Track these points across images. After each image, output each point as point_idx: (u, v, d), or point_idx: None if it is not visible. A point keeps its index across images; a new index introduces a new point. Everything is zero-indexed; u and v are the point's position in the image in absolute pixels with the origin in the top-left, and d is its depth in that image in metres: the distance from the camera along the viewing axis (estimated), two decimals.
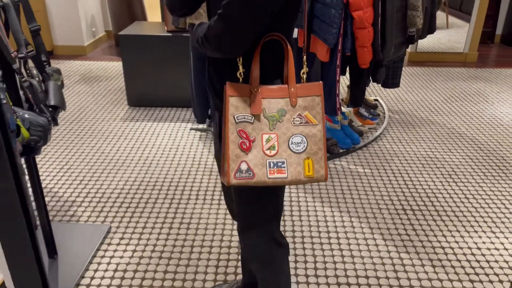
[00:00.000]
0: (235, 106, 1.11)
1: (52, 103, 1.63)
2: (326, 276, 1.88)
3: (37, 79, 1.63)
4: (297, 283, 1.84)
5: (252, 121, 1.11)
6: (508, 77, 4.48)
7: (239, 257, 1.98)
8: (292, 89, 1.13)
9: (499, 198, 2.45)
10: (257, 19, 1.05)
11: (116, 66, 4.67)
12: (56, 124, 1.67)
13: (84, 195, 2.45)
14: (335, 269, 1.92)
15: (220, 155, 1.31)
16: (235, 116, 1.10)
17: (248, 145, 1.10)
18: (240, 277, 1.88)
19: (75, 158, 2.83)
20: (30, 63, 1.64)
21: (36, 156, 1.84)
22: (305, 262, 1.96)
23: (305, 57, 1.18)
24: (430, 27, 3.05)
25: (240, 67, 1.12)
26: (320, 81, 1.17)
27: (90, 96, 3.87)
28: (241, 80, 1.13)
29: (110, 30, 5.63)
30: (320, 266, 1.94)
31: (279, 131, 1.11)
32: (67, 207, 2.34)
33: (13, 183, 0.69)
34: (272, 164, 1.10)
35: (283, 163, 1.10)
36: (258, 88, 1.12)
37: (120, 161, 2.81)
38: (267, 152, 1.10)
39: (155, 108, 3.63)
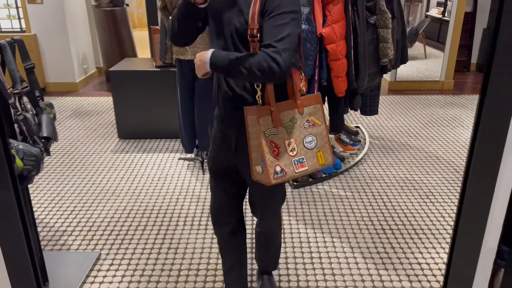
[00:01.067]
0: (263, 124, 1.40)
1: (45, 134, 1.75)
2: None
3: (31, 112, 1.75)
4: None
5: (276, 133, 1.42)
6: None
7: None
8: (299, 102, 1.46)
9: None
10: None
11: (106, 101, 4.82)
12: (49, 154, 1.78)
13: (74, 224, 2.52)
14: (317, 287, 2.00)
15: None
16: (265, 132, 1.40)
17: (277, 151, 1.42)
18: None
19: (66, 190, 2.92)
20: (25, 98, 1.77)
21: (29, 186, 1.93)
22: (288, 281, 2.04)
23: (302, 74, 1.51)
24: (402, 57, 3.25)
25: (259, 91, 1.41)
26: (319, 92, 1.49)
27: (82, 130, 3.99)
28: (260, 102, 1.42)
29: (101, 67, 5.81)
30: (302, 285, 2.02)
31: (295, 135, 1.45)
32: (58, 236, 2.41)
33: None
34: (296, 162, 1.44)
35: (303, 159, 1.45)
36: (275, 106, 1.42)
37: (110, 191, 2.90)
38: (290, 153, 1.44)
39: (144, 139, 3.75)
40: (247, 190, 1.71)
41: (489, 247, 0.90)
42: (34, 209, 2.68)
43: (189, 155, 3.37)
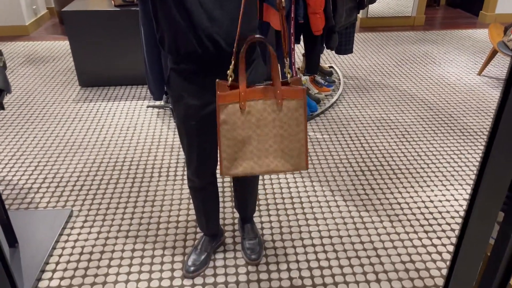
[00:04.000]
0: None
1: None
2: (292, 240, 1.95)
3: None
4: (265, 248, 1.90)
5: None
6: (453, 38, 4.67)
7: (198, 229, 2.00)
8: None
9: (448, 154, 2.60)
10: None
11: (62, 46, 4.45)
12: (3, 108, 1.59)
13: (40, 180, 2.37)
14: (300, 232, 1.99)
15: None
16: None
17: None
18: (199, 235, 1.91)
19: (27, 144, 2.72)
20: None
21: None
22: (271, 228, 2.02)
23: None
24: None
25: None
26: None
27: (38, 78, 3.68)
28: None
29: (53, 7, 5.31)
30: (285, 231, 2.00)
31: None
32: (24, 195, 2.26)
33: None
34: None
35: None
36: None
37: (76, 143, 2.73)
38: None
39: (109, 87, 3.51)
40: None
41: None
42: None
43: (158, 103, 3.19)
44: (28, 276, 1.76)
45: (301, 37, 2.71)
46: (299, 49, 4.22)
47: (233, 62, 1.24)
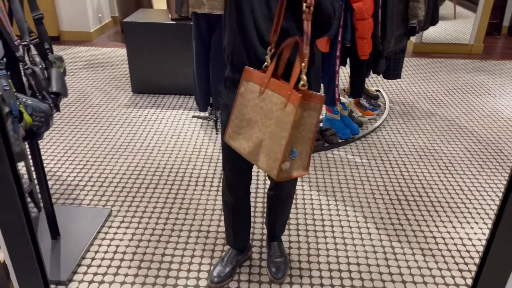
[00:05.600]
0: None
1: (54, 89, 1.68)
2: (318, 263, 1.94)
3: (40, 66, 1.68)
4: (290, 268, 1.90)
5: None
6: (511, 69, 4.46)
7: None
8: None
9: (494, 191, 2.48)
10: None
11: (121, 53, 4.72)
12: (58, 110, 1.72)
13: (87, 179, 2.52)
14: (328, 256, 1.98)
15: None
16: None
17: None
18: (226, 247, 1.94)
19: (79, 143, 2.90)
20: (33, 51, 1.69)
21: (39, 141, 1.90)
22: (299, 248, 2.02)
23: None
24: (433, 18, 3.05)
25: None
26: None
27: (95, 82, 3.93)
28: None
29: (116, 16, 5.66)
30: (313, 253, 1.99)
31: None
32: (70, 191, 2.41)
33: (9, 169, 0.74)
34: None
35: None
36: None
37: (122, 146, 2.88)
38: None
39: (158, 95, 3.67)
40: None
41: None
42: (46, 161, 2.67)
43: (202, 114, 3.30)
44: (66, 267, 1.87)
45: (347, 60, 2.72)
46: (346, 71, 4.20)
47: (272, 51, 1.31)
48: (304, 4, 1.18)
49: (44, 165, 2.56)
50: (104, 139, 2.96)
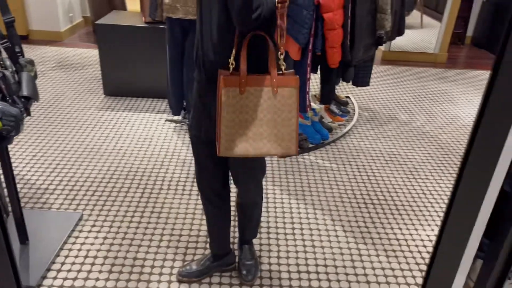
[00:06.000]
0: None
1: (25, 93, 1.68)
2: (288, 264, 2.00)
3: (10, 70, 1.67)
4: (260, 270, 1.95)
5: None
6: (474, 78, 4.68)
7: (207, 245, 2.07)
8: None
9: None
10: None
11: (93, 54, 4.66)
12: (29, 114, 1.71)
13: (56, 182, 2.49)
14: (297, 257, 2.04)
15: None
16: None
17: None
18: (208, 251, 1.98)
19: (48, 146, 2.86)
20: (4, 54, 1.68)
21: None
22: (269, 251, 2.08)
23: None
24: (399, 29, 3.18)
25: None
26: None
27: (66, 83, 3.87)
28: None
29: (88, 16, 5.57)
30: (282, 255, 2.05)
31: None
32: (40, 195, 2.38)
33: None
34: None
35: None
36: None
37: (94, 150, 2.86)
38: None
39: (131, 98, 3.66)
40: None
41: (475, 239, 0.92)
42: (15, 164, 2.63)
43: (176, 117, 3.32)
44: (35, 272, 1.86)
45: (318, 68, 2.80)
46: (317, 77, 4.30)
47: (234, 51, 1.36)
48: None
49: (13, 168, 2.52)
50: (75, 142, 2.93)
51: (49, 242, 2.03)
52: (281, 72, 1.38)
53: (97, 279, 1.86)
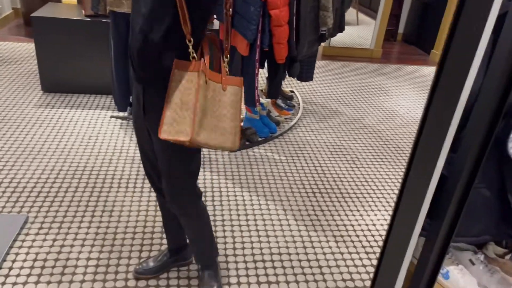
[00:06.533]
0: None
1: None
2: (244, 255, 2.06)
3: None
4: (218, 263, 1.99)
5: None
6: (406, 73, 5.03)
7: (163, 241, 2.08)
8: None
9: (392, 181, 2.82)
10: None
11: (26, 48, 4.39)
12: None
13: None
14: (252, 248, 2.11)
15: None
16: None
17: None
18: (164, 247, 1.99)
19: None
20: None
21: None
22: (225, 243, 2.12)
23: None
24: (340, 26, 3.34)
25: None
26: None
27: None
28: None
29: (18, 8, 5.23)
30: (238, 246, 2.11)
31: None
32: None
33: None
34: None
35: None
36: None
37: (35, 149, 2.72)
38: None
39: (72, 94, 3.52)
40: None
41: (420, 220, 1.03)
42: None
43: (122, 114, 3.24)
44: None
45: (265, 63, 2.88)
46: (264, 73, 4.40)
47: (191, 46, 1.33)
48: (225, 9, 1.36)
49: None
50: (13, 142, 2.77)
51: None
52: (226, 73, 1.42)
53: (49, 282, 1.81)
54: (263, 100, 3.31)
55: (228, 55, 1.43)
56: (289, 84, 4.25)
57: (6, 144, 2.74)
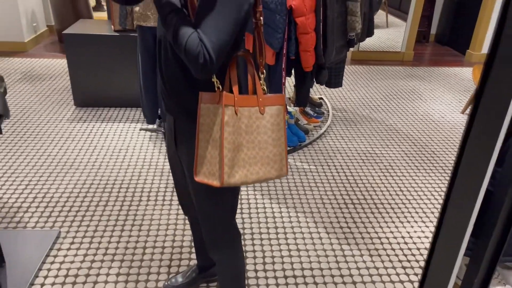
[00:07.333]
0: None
1: None
2: (274, 270, 2.00)
3: None
4: (247, 278, 1.95)
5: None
6: (440, 75, 4.84)
7: (191, 256, 2.05)
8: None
9: (429, 190, 2.69)
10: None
11: (60, 64, 4.53)
12: (0, 132, 1.65)
13: (30, 200, 2.40)
14: (283, 263, 2.05)
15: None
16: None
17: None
18: (193, 262, 1.96)
19: (19, 162, 2.76)
20: None
21: None
22: (254, 257, 2.07)
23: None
24: (368, 30, 3.25)
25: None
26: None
27: (34, 96, 3.74)
28: (219, 88, 1.23)
29: (53, 25, 5.41)
30: (268, 261, 2.06)
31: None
32: (13, 213, 2.29)
33: None
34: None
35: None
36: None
37: (68, 163, 2.78)
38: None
39: (103, 108, 3.58)
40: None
41: (466, 239, 0.94)
42: None
43: (150, 126, 3.27)
44: None
45: (292, 71, 2.83)
46: (292, 80, 4.34)
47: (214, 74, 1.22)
48: (254, 19, 1.24)
49: None
50: (47, 157, 2.84)
51: (26, 262, 1.95)
52: (264, 92, 1.29)
53: None
54: (290, 108, 3.26)
55: (264, 71, 1.30)
56: (317, 90, 4.18)
57: (40, 159, 2.81)
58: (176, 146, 1.40)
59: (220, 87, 1.22)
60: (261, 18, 1.26)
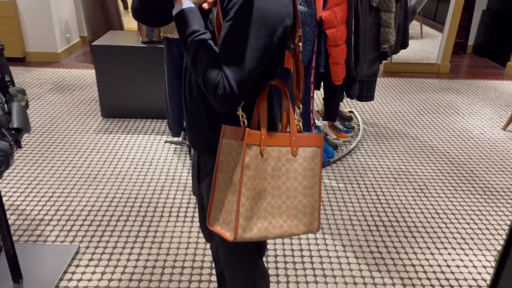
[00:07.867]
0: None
1: (15, 125, 1.58)
2: None
3: None
4: None
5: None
6: (478, 88, 4.60)
7: (211, 278, 1.96)
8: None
9: (468, 213, 2.50)
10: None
11: (90, 74, 4.58)
12: (20, 147, 1.61)
13: (52, 213, 2.38)
14: None
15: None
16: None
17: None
18: (213, 285, 1.86)
19: (44, 173, 2.76)
20: None
21: None
22: (278, 282, 1.95)
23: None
24: (403, 42, 3.10)
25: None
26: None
27: (63, 106, 3.78)
28: (244, 123, 1.08)
29: (85, 36, 5.52)
30: (292, 286, 1.93)
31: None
32: (34, 226, 2.27)
33: None
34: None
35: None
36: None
37: (91, 175, 2.75)
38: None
39: (129, 119, 3.57)
40: None
41: None
42: (9, 193, 2.52)
43: (175, 139, 3.22)
44: None
45: (321, 83, 2.71)
46: (320, 92, 4.22)
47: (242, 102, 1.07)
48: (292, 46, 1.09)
49: (5, 198, 2.42)
50: (71, 168, 2.83)
51: (44, 279, 1.91)
52: (299, 130, 1.11)
53: None
54: (319, 122, 3.13)
55: (301, 106, 1.13)
56: (347, 103, 4.04)
57: (65, 170, 2.80)
58: (199, 183, 1.29)
59: (246, 121, 1.05)
60: (300, 44, 1.09)
